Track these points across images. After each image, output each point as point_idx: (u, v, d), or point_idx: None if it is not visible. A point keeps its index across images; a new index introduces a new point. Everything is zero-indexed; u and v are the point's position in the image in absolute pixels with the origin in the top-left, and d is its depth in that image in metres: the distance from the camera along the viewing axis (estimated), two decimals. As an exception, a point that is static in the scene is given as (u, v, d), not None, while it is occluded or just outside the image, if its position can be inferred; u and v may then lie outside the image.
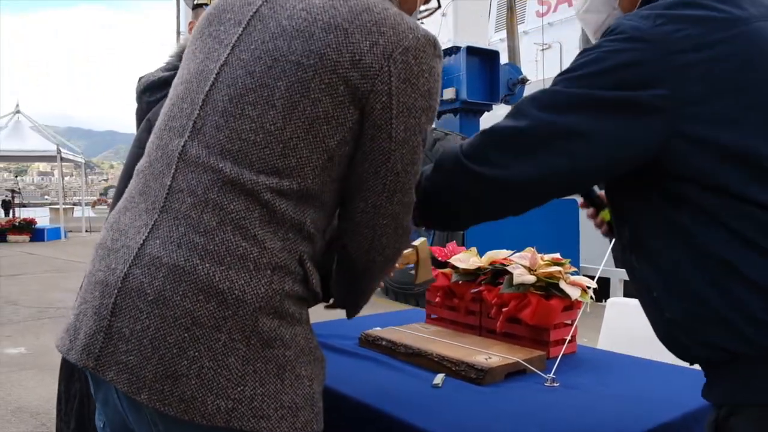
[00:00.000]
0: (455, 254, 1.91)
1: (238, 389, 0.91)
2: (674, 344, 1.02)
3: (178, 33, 13.80)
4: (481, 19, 8.54)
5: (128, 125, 2.38)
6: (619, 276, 6.11)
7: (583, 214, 1.44)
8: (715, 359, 0.95)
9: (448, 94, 7.56)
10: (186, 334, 0.90)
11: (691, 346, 0.98)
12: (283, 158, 0.95)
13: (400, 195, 1.02)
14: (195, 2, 2.35)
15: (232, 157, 0.95)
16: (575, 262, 6.93)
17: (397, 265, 1.55)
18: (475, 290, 1.79)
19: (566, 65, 1.03)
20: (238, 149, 0.95)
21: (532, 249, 1.78)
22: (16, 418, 3.61)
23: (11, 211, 25.41)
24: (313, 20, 0.96)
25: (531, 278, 1.66)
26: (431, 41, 1.00)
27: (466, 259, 1.86)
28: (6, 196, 28.26)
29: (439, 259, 1.95)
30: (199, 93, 1.01)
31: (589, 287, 1.70)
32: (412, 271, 1.88)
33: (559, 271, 1.67)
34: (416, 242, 1.61)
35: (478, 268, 1.82)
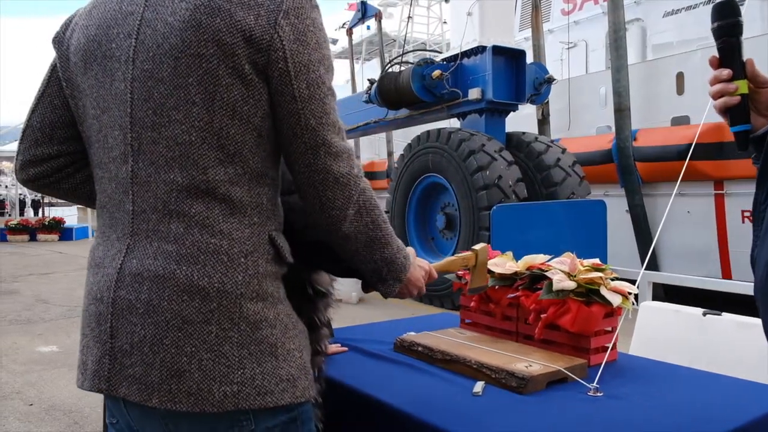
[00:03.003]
0: (491, 258, 1.88)
1: (239, 372, 0.98)
2: None
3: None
4: (507, 18, 8.44)
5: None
6: (648, 279, 6.00)
7: (613, 215, 1.32)
8: None
9: (474, 93, 7.50)
10: (179, 333, 0.97)
11: None
12: (221, 148, 0.99)
13: (325, 147, 1.03)
14: None
15: (178, 164, 0.99)
16: (603, 263, 6.80)
17: (453, 268, 1.57)
18: (512, 295, 1.76)
19: (592, 64, 0.97)
20: (179, 154, 0.99)
21: (571, 254, 1.75)
22: (49, 416, 3.67)
23: (40, 210, 25.90)
24: (194, 8, 0.97)
25: (571, 284, 1.62)
26: None
27: (503, 263, 1.83)
28: (35, 195, 28.79)
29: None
30: (123, 117, 1.02)
31: (630, 293, 1.67)
32: (460, 276, 1.85)
33: (600, 277, 1.64)
34: (477, 246, 1.60)
35: (515, 273, 1.79)
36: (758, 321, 1.87)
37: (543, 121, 9.58)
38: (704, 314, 2.58)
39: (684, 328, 2.63)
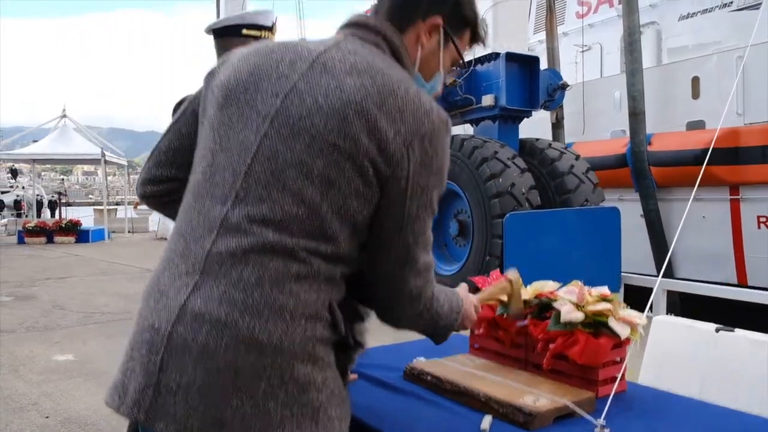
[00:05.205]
0: (495, 281, 1.87)
1: (278, 431, 0.98)
2: None
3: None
4: (521, 23, 8.41)
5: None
6: (663, 287, 5.95)
7: (627, 220, 1.34)
8: None
9: (487, 100, 7.47)
10: (229, 384, 0.98)
11: None
12: (321, 230, 1.03)
13: (411, 264, 1.12)
14: (215, 27, 2.23)
15: (274, 226, 1.02)
16: (617, 271, 6.77)
17: (494, 299, 1.68)
18: (521, 324, 1.76)
19: (607, 67, 0.99)
20: (279, 219, 1.02)
21: (578, 283, 1.75)
22: (65, 429, 3.71)
23: (57, 211, 26.20)
24: (347, 101, 1.02)
25: (579, 315, 1.62)
26: (444, 122, 1.09)
27: (511, 291, 1.83)
28: (53, 196, 29.16)
29: (480, 288, 1.93)
30: (241, 164, 1.06)
31: (638, 324, 1.66)
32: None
33: (608, 309, 1.63)
34: (510, 274, 1.62)
35: (525, 301, 1.79)
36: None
37: (557, 125, 9.53)
38: (717, 330, 2.56)
39: (696, 343, 2.61)
